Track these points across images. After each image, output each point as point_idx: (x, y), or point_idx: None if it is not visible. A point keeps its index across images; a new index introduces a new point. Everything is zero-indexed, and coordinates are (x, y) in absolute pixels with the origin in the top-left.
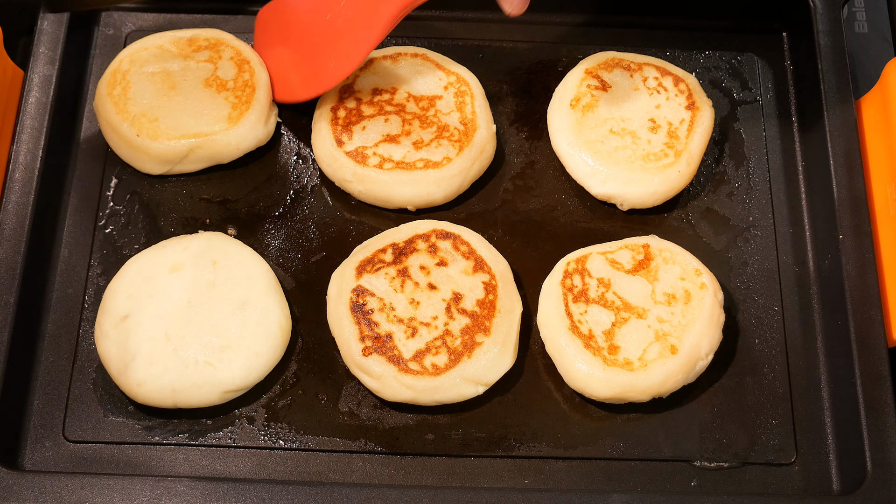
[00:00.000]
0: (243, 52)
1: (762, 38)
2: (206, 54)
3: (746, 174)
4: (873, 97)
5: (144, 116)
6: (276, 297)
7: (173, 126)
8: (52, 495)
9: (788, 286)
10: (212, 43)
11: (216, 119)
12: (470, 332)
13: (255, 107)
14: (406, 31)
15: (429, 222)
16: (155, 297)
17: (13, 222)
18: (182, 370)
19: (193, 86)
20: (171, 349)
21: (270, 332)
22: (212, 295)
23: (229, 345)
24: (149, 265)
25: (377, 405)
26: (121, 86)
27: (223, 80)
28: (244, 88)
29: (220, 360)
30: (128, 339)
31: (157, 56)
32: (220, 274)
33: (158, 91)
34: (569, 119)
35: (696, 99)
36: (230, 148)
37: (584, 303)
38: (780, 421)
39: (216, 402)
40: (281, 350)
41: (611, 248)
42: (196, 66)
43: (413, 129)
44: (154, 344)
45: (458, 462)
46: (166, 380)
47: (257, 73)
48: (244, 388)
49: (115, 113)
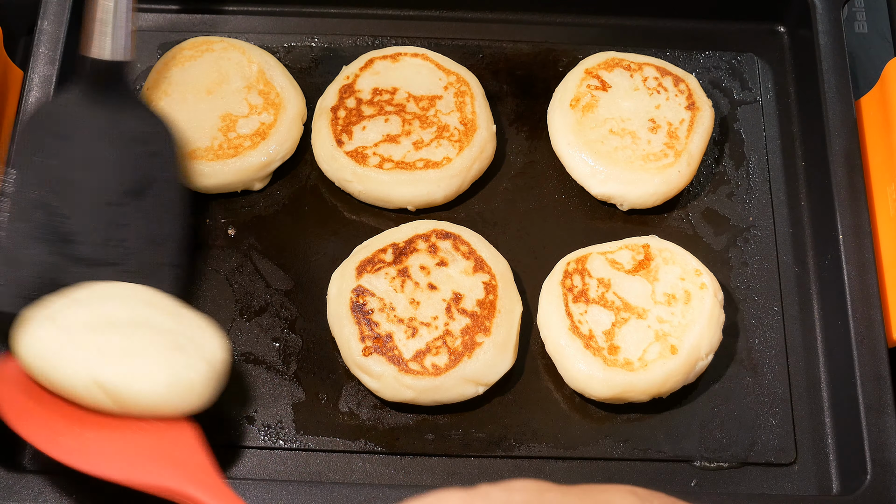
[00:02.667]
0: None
1: (762, 38)
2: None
3: (746, 174)
4: (873, 97)
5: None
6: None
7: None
8: (52, 495)
9: (788, 286)
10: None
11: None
12: (470, 332)
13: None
14: (406, 31)
15: (429, 222)
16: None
17: None
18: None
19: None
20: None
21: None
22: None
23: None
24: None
25: (377, 405)
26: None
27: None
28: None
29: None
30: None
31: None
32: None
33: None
34: (569, 119)
35: (696, 99)
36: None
37: (584, 303)
38: (780, 421)
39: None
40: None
41: (611, 248)
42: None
43: (413, 129)
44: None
45: (458, 462)
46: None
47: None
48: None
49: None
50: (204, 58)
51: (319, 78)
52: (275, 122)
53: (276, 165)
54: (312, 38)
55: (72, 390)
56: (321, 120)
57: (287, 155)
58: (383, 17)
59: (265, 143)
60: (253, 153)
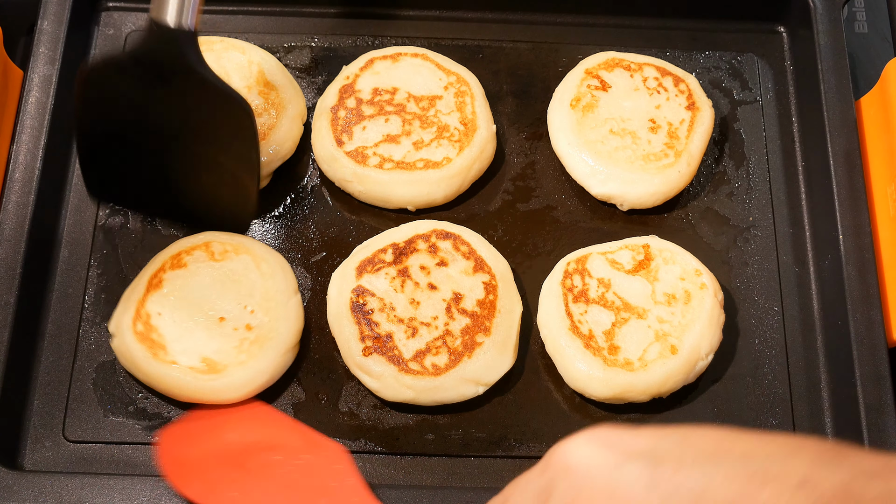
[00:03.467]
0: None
1: (762, 38)
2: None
3: (746, 174)
4: (873, 97)
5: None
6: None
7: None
8: (52, 495)
9: (788, 286)
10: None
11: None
12: (470, 332)
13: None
14: (406, 31)
15: (429, 222)
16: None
17: (13, 222)
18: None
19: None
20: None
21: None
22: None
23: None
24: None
25: (377, 405)
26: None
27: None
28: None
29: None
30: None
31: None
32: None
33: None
34: (569, 119)
35: (696, 99)
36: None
37: (584, 303)
38: (780, 421)
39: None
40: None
41: (611, 248)
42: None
43: (413, 129)
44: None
45: (458, 462)
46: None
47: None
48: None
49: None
50: (206, 57)
51: (319, 78)
52: (275, 123)
53: (276, 165)
54: (312, 38)
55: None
56: (321, 120)
57: (287, 155)
58: (383, 17)
59: (265, 143)
60: None
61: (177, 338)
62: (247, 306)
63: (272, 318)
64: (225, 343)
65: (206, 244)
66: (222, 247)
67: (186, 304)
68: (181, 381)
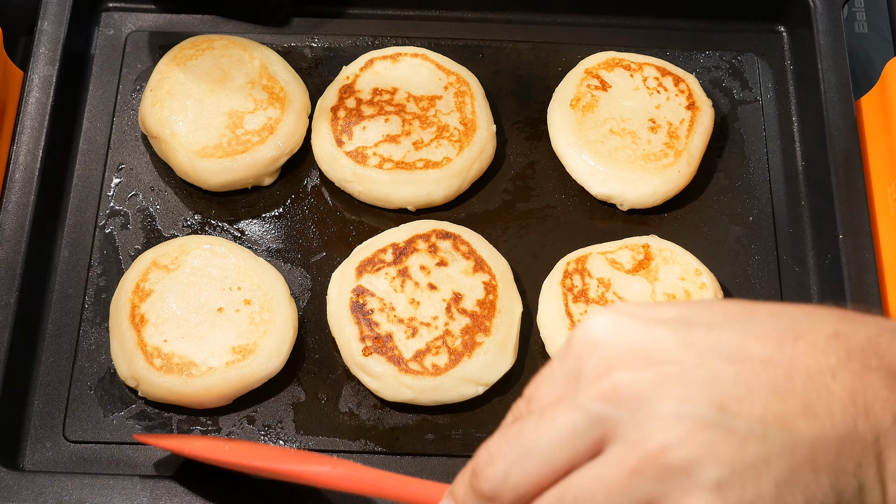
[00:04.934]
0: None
1: (762, 38)
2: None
3: (746, 174)
4: (873, 97)
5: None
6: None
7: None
8: (52, 495)
9: (788, 286)
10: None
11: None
12: (470, 332)
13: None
14: (406, 31)
15: (429, 222)
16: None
17: (13, 222)
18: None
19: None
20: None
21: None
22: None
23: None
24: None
25: (377, 405)
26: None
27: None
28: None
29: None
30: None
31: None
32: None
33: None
34: (569, 119)
35: (696, 99)
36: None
37: (584, 303)
38: None
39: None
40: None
41: (611, 248)
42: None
43: (413, 129)
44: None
45: (459, 462)
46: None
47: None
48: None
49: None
50: (205, 56)
51: (319, 78)
52: (282, 117)
53: (284, 159)
54: (312, 38)
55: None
56: (321, 120)
57: (295, 148)
58: (383, 17)
59: (273, 137)
60: (262, 148)
61: (196, 349)
62: (231, 287)
63: (261, 282)
64: (239, 325)
65: (153, 263)
66: (167, 258)
67: (180, 319)
68: (229, 379)
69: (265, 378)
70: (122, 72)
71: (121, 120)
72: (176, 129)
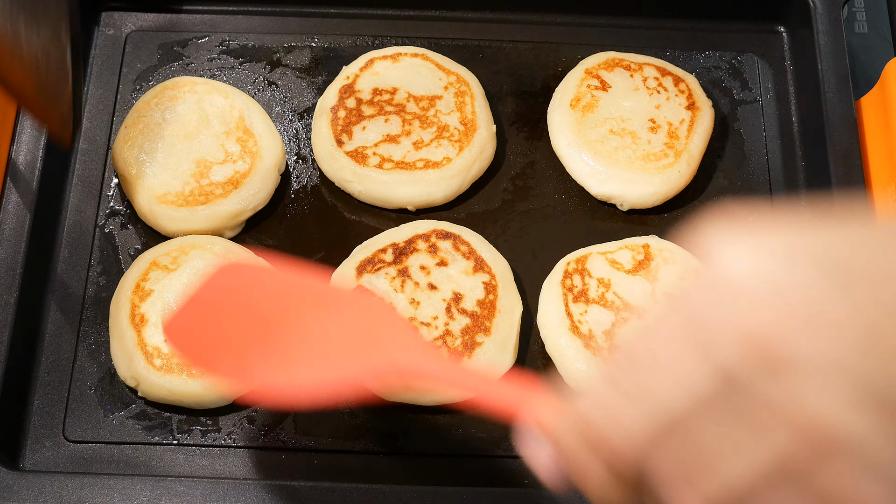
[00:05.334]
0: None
1: (762, 38)
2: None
3: (746, 174)
4: (873, 97)
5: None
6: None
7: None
8: (52, 495)
9: None
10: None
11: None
12: (470, 332)
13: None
14: (406, 31)
15: (429, 222)
16: None
17: (13, 222)
18: None
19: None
20: None
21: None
22: None
23: None
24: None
25: (377, 405)
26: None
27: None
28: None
29: None
30: None
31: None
32: None
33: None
34: (569, 119)
35: (696, 99)
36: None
37: (584, 303)
38: None
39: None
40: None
41: (611, 248)
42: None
43: (413, 129)
44: None
45: (458, 462)
46: None
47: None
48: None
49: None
50: (187, 99)
51: (319, 78)
52: (249, 171)
53: (247, 216)
54: (312, 38)
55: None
56: (321, 120)
57: (259, 206)
58: (383, 17)
59: (237, 192)
60: (224, 202)
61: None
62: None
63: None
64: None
65: (153, 263)
66: (168, 258)
67: None
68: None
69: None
70: (122, 72)
71: (120, 120)
72: (142, 171)
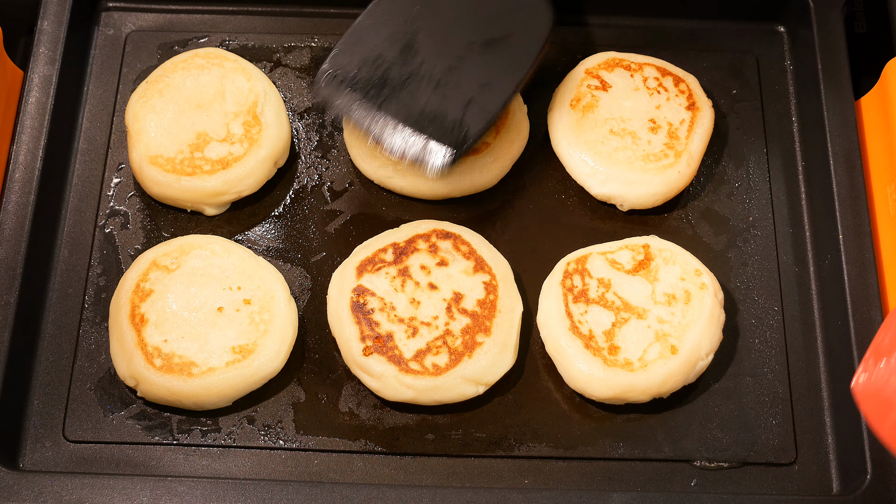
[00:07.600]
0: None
1: (762, 38)
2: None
3: (746, 174)
4: (873, 97)
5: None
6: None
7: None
8: (52, 495)
9: (788, 286)
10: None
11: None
12: (470, 331)
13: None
14: None
15: (429, 222)
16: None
17: (13, 222)
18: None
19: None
20: None
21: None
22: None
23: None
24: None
25: (377, 405)
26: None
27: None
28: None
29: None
30: None
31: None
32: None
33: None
34: (569, 119)
35: (696, 99)
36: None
37: (584, 303)
38: (780, 421)
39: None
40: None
41: (611, 248)
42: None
43: None
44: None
45: (458, 462)
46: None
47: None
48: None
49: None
50: (212, 71)
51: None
52: (242, 156)
53: (230, 198)
54: (312, 38)
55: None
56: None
57: (246, 192)
58: None
59: (224, 172)
60: (209, 178)
61: (196, 348)
62: (230, 287)
63: (261, 282)
64: (239, 325)
65: (153, 263)
66: (168, 258)
67: (180, 319)
68: (229, 379)
69: (265, 378)
70: (122, 72)
71: (120, 120)
72: (144, 128)
